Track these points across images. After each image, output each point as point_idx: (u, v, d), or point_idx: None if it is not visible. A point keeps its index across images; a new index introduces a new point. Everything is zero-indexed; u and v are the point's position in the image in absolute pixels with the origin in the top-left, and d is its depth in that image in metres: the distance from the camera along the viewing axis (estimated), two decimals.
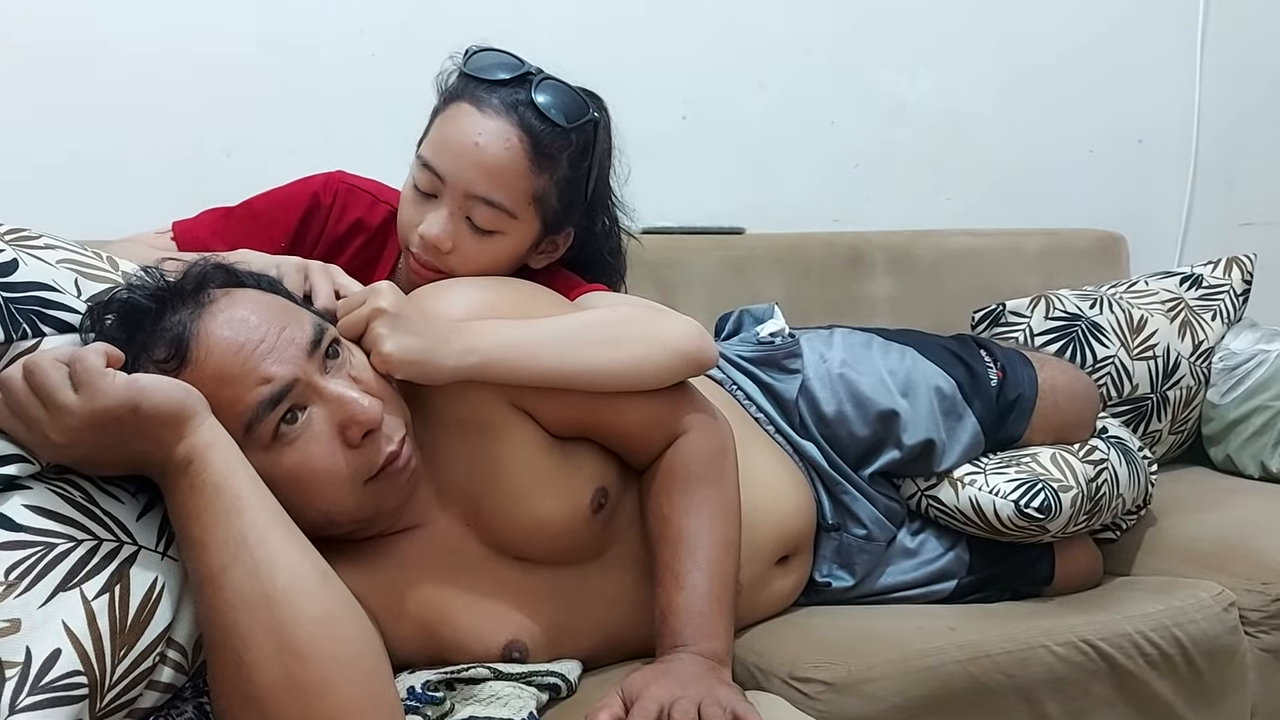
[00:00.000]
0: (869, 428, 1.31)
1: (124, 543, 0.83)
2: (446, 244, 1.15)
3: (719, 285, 1.78)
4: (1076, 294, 1.85)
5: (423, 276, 1.17)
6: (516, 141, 1.14)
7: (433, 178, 1.15)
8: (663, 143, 1.87)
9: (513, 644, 1.02)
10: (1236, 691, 1.35)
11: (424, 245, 1.16)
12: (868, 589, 1.32)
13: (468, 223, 1.15)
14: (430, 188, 1.16)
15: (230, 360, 0.86)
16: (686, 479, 1.06)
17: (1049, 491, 1.28)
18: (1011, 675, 1.19)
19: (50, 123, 1.53)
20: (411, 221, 1.17)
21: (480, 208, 1.14)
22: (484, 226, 1.16)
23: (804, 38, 2.02)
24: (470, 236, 1.16)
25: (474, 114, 1.14)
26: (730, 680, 0.96)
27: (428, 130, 1.20)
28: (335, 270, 1.09)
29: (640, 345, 1.07)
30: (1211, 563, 1.45)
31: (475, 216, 1.15)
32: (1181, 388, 1.82)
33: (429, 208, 1.16)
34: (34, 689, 0.74)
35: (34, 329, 0.86)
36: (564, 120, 1.15)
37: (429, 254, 1.16)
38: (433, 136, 1.18)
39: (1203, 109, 2.37)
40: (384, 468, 0.91)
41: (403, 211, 1.20)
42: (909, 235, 2.01)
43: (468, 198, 1.14)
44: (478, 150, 1.13)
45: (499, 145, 1.13)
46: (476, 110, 1.15)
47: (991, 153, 2.20)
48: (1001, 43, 2.18)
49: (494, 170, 1.13)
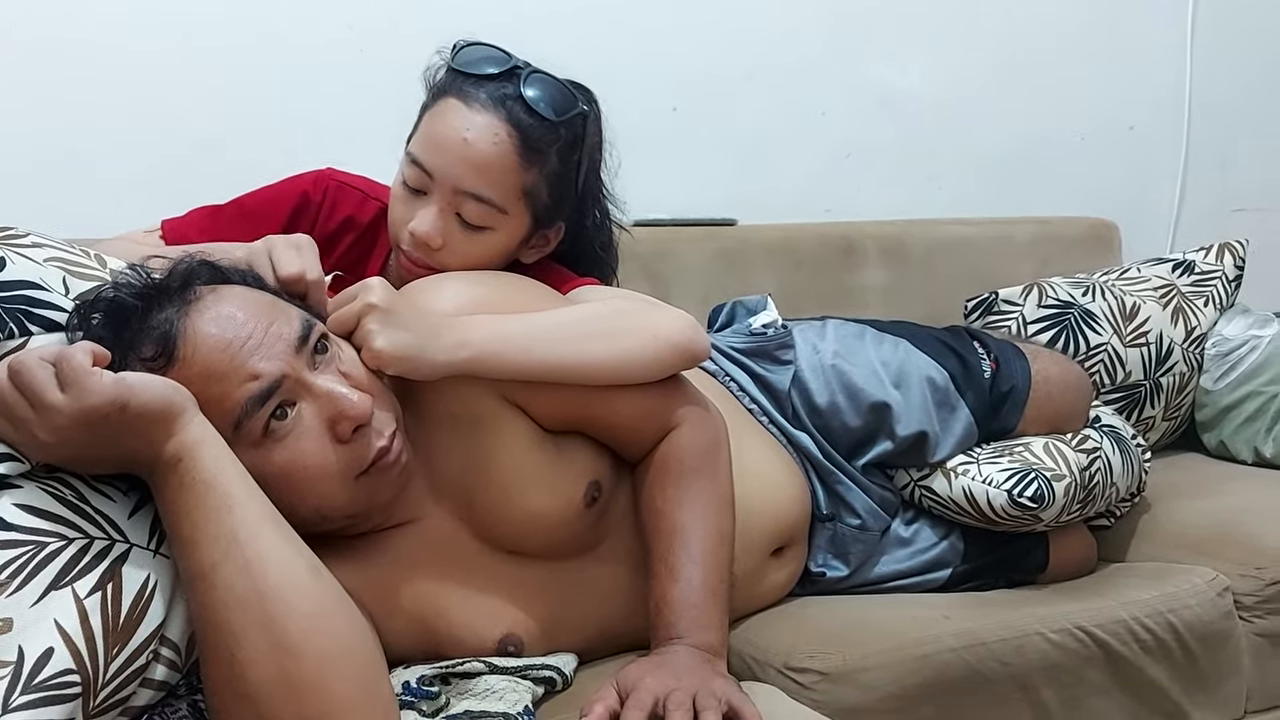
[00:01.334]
0: (861, 418, 1.31)
1: (115, 541, 0.83)
2: (437, 240, 1.15)
3: (711, 277, 1.78)
4: (1069, 282, 1.84)
5: (413, 273, 1.16)
6: (505, 136, 1.13)
7: (422, 174, 1.15)
8: (653, 135, 1.87)
9: (507, 638, 1.03)
10: (1231, 676, 1.35)
11: (414, 242, 1.15)
12: (862, 579, 1.32)
13: (457, 219, 1.15)
14: (419, 184, 1.15)
15: (217, 357, 0.85)
16: (680, 472, 1.06)
17: (1042, 481, 1.28)
18: (1007, 663, 1.19)
19: (42, 120, 1.52)
20: (401, 218, 1.17)
21: (470, 203, 1.14)
22: (474, 222, 1.15)
23: (794, 28, 2.01)
24: (460, 232, 1.16)
25: (462, 109, 1.14)
26: (725, 671, 0.97)
27: (416, 126, 1.19)
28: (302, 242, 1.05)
29: (633, 338, 1.07)
30: (1205, 548, 1.45)
31: (465, 212, 1.15)
32: (1174, 374, 1.82)
33: (419, 204, 1.15)
34: (27, 688, 0.74)
35: (21, 328, 0.86)
36: (553, 114, 1.15)
37: (419, 251, 1.16)
38: (421, 133, 1.17)
39: (1194, 95, 2.37)
40: (375, 463, 0.91)
41: (392, 209, 1.19)
42: (901, 225, 2.01)
43: (457, 194, 1.14)
44: (466, 146, 1.13)
45: (488, 141, 1.13)
46: (464, 106, 1.14)
47: (983, 141, 2.20)
48: (992, 31, 2.18)
49: (483, 166, 1.13)
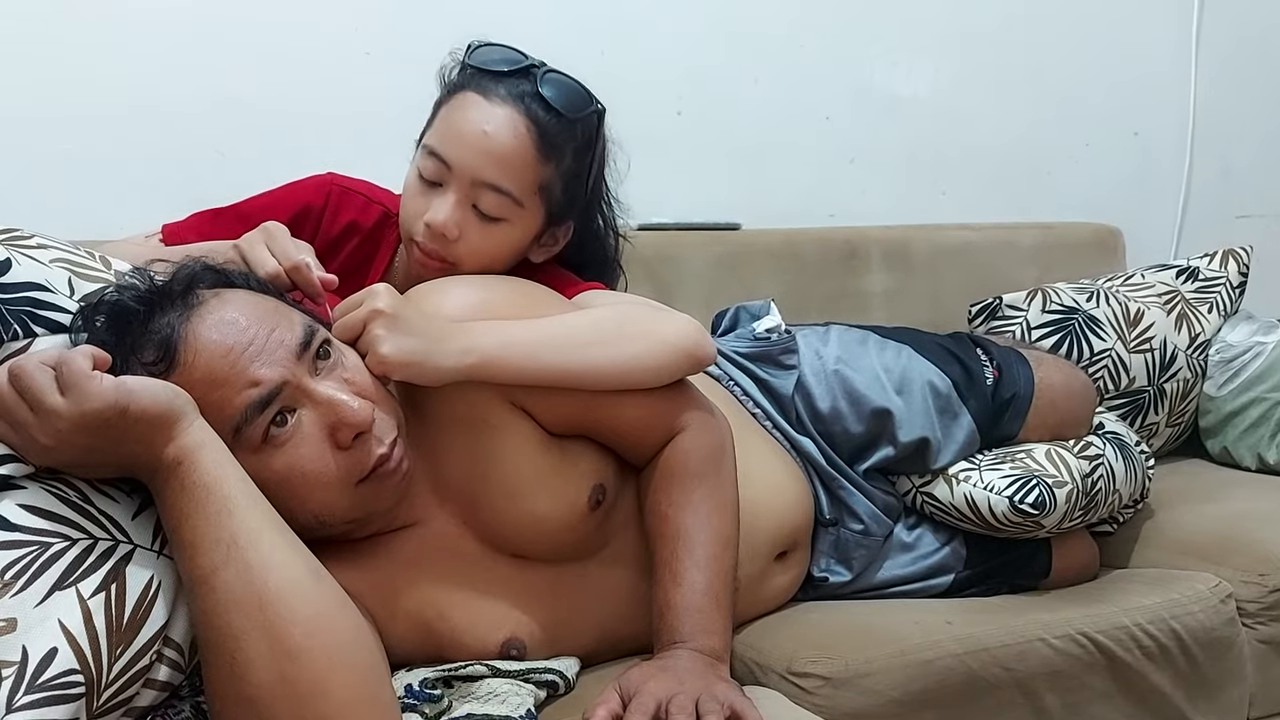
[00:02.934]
0: (863, 424, 1.31)
1: (119, 541, 0.83)
2: (454, 231, 1.15)
3: (715, 282, 1.78)
4: (1073, 287, 1.84)
5: (427, 267, 1.17)
6: (524, 130, 1.15)
7: (440, 165, 1.16)
8: (658, 139, 1.87)
9: (511, 641, 1.02)
10: (1234, 683, 1.35)
11: (430, 233, 1.16)
12: (865, 584, 1.32)
13: (474, 211, 1.16)
14: (437, 176, 1.16)
15: (219, 363, 0.85)
16: (685, 476, 1.06)
17: (1044, 487, 1.28)
18: (1009, 669, 1.19)
19: (44, 123, 1.53)
20: (416, 211, 1.17)
21: (488, 194, 1.15)
22: (491, 214, 1.16)
23: (798, 33, 2.02)
24: (476, 224, 1.17)
25: (481, 103, 1.15)
26: (728, 676, 0.96)
27: (431, 121, 1.20)
28: (271, 230, 1.08)
29: (639, 343, 1.07)
30: (1209, 555, 1.45)
31: (482, 204, 1.16)
32: (1178, 380, 1.82)
33: (435, 196, 1.16)
34: (31, 688, 0.74)
35: (25, 329, 0.86)
36: (570, 111, 1.17)
37: (435, 242, 1.16)
38: (439, 126, 1.18)
39: (1198, 101, 2.37)
40: (374, 470, 0.91)
41: (407, 203, 1.20)
42: (905, 230, 2.01)
43: (475, 185, 1.15)
44: (486, 138, 1.14)
45: (508, 133, 1.14)
46: (484, 99, 1.16)
47: (987, 147, 2.20)
48: (996, 36, 2.18)
49: (502, 157, 1.14)
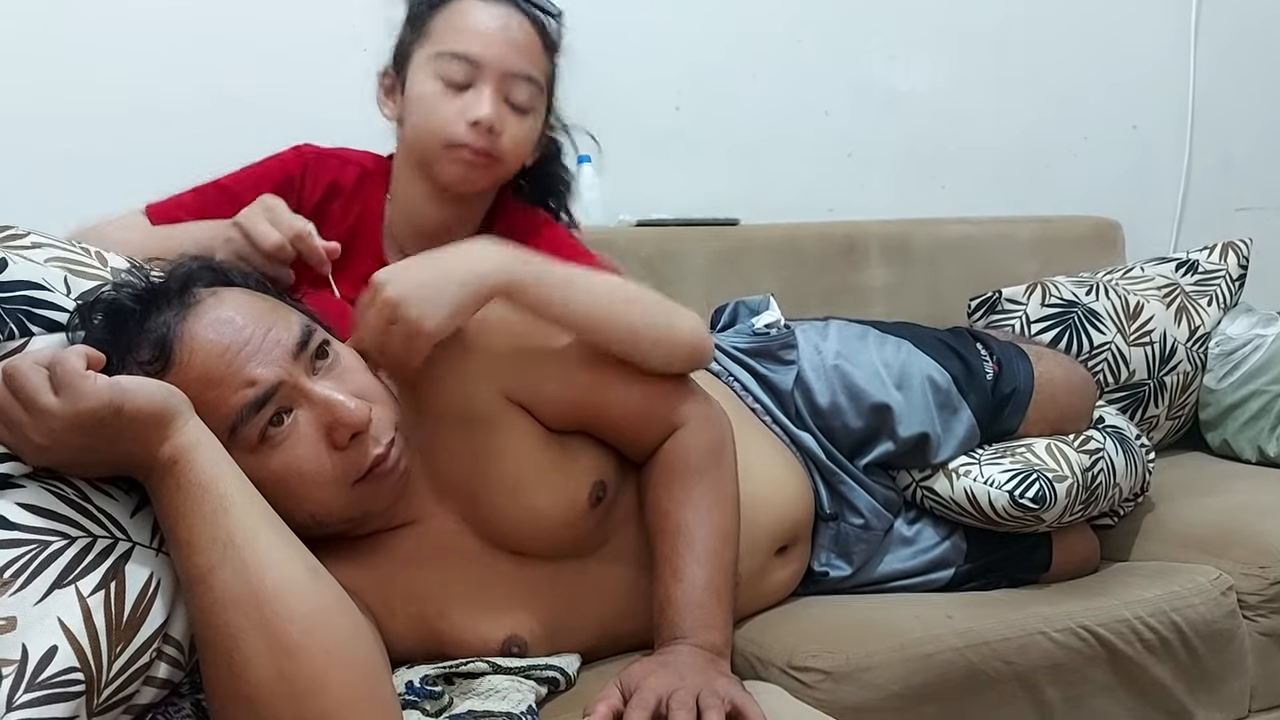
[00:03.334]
0: (863, 419, 1.31)
1: (118, 539, 0.83)
2: (500, 123, 1.19)
3: (714, 277, 1.78)
4: (1073, 281, 1.84)
5: (475, 167, 1.21)
6: (530, 25, 1.22)
7: (468, 66, 1.19)
8: (657, 135, 1.87)
9: (511, 638, 1.02)
10: (1235, 675, 1.35)
11: (477, 131, 1.19)
12: (865, 578, 1.32)
13: (507, 104, 1.20)
14: (467, 77, 1.19)
15: (214, 363, 0.85)
16: (685, 471, 1.06)
17: (1044, 482, 1.28)
18: (1010, 662, 1.19)
19: (44, 123, 1.53)
20: (450, 115, 1.20)
21: (520, 85, 1.21)
22: (522, 104, 1.22)
23: (797, 27, 2.02)
24: (511, 117, 1.21)
25: (485, 5, 1.21)
26: (729, 671, 0.96)
27: (420, 33, 1.23)
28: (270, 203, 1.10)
29: (659, 317, 1.09)
30: (1209, 547, 1.45)
31: (514, 95, 1.21)
32: (1178, 373, 1.82)
33: (466, 97, 1.19)
34: (31, 686, 0.74)
35: (22, 329, 0.86)
36: (551, 10, 1.24)
37: (482, 138, 1.19)
38: (447, 33, 1.21)
39: (1197, 94, 2.37)
40: (371, 470, 0.91)
41: (433, 114, 1.21)
42: (904, 224, 2.01)
43: (506, 77, 1.20)
44: (508, 31, 1.20)
45: (522, 28, 1.21)
46: (483, 2, 1.21)
47: (986, 141, 2.20)
48: (995, 30, 2.18)
49: (525, 47, 1.21)
